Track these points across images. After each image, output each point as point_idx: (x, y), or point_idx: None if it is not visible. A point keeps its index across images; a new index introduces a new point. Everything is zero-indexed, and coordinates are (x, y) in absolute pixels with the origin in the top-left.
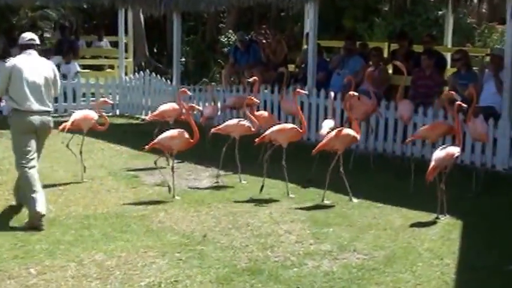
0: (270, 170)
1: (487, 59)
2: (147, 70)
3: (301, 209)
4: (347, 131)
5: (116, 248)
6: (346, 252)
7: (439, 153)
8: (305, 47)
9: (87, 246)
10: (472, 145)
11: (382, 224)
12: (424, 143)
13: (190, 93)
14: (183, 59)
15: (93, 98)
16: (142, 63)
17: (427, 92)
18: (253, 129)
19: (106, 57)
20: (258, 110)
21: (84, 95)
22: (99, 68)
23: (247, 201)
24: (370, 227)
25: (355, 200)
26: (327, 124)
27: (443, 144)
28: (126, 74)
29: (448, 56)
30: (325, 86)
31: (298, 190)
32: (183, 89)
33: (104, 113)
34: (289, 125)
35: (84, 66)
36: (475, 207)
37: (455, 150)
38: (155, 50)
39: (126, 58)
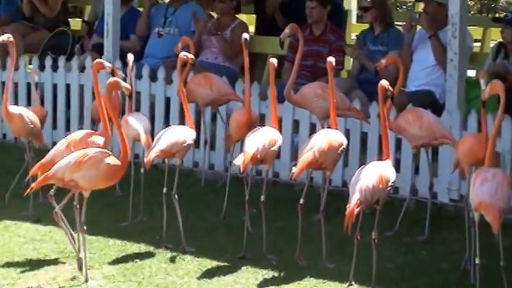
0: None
1: (420, 7)
2: None
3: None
4: (334, 134)
5: None
6: None
7: (365, 179)
8: None
9: None
10: (397, 160)
11: None
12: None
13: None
14: None
15: None
16: None
17: (317, 66)
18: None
19: None
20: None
21: None
22: None
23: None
24: None
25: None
26: (137, 123)
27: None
28: None
29: (352, 3)
30: (139, 56)
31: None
32: (98, 59)
33: None
34: (333, 133)
35: None
36: (402, 271)
37: (389, 172)
38: None
39: None
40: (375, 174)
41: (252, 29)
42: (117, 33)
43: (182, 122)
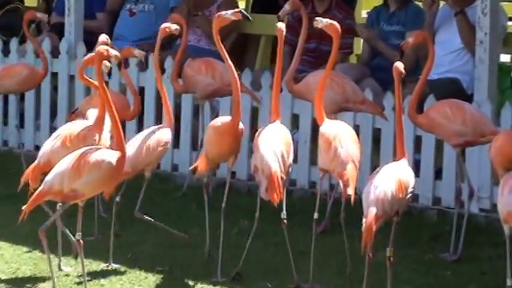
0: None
1: None
2: None
3: None
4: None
5: None
6: None
7: (382, 187)
8: None
9: None
10: (416, 162)
11: None
12: None
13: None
14: None
15: None
16: None
17: (320, 49)
18: None
19: None
20: None
21: None
22: None
23: None
24: None
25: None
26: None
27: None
28: None
29: None
30: (113, 37)
31: None
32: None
33: None
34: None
35: None
36: None
37: (408, 175)
38: None
39: None
40: (392, 180)
41: (242, 5)
42: (80, 10)
43: (159, 116)
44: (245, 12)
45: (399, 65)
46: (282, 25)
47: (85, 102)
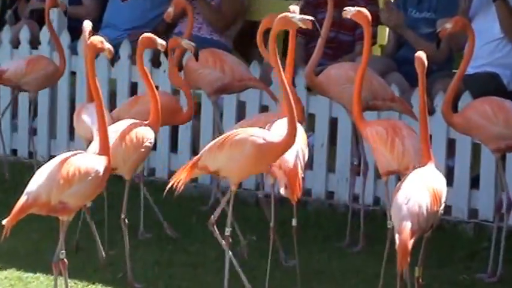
0: None
1: None
2: None
3: None
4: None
5: None
6: None
7: (416, 198)
8: None
9: None
10: (449, 169)
11: None
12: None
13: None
14: None
15: None
16: None
17: (339, 38)
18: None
19: None
20: None
21: None
22: None
23: None
24: None
25: None
26: (93, 119)
27: None
28: None
29: None
30: (95, 27)
31: None
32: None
33: None
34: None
35: None
36: None
37: (440, 183)
38: None
39: None
40: (425, 190)
41: None
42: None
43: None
44: (317, 24)
45: (421, 55)
46: (295, 8)
47: (128, 105)
